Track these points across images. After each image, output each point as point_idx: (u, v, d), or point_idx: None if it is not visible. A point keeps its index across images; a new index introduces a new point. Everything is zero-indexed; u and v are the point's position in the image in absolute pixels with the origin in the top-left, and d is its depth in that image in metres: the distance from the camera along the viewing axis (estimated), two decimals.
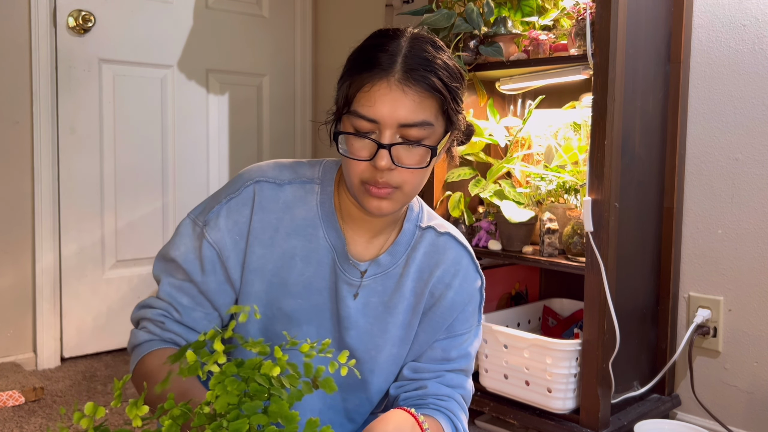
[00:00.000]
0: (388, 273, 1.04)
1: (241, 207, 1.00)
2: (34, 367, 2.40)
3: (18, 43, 2.32)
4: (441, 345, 1.08)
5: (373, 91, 0.90)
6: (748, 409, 1.82)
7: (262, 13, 2.93)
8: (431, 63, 0.92)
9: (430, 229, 1.07)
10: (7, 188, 2.33)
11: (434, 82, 0.91)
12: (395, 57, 0.91)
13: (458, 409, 1.07)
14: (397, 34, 0.95)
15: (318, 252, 1.02)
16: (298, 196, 1.02)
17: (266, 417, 0.63)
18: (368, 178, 0.93)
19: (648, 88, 1.77)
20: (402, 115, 0.90)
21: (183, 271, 1.00)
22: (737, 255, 1.82)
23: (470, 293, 1.08)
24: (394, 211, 0.96)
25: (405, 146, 0.92)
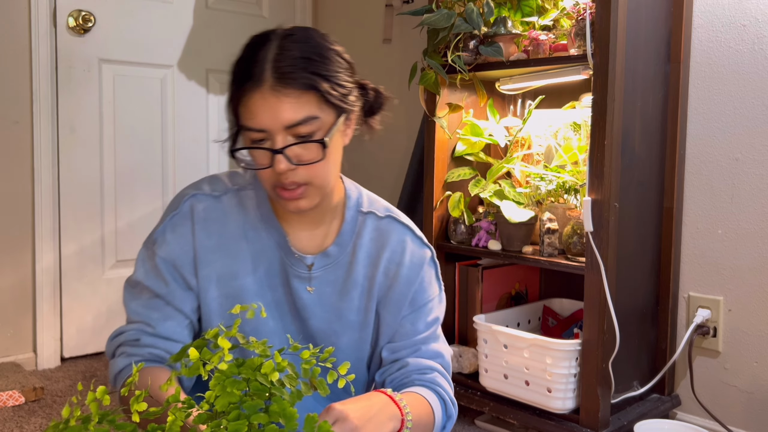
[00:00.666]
0: (338, 262, 1.08)
1: (183, 221, 1.05)
2: (34, 367, 2.40)
3: (18, 43, 2.32)
4: (408, 320, 1.10)
5: (251, 103, 0.93)
6: (747, 409, 1.82)
7: (262, 13, 2.93)
8: (300, 60, 0.94)
9: (372, 215, 1.11)
10: (7, 188, 2.33)
11: (306, 78, 0.93)
12: (264, 65, 0.93)
13: (441, 379, 1.09)
14: (265, 40, 0.97)
15: (264, 252, 1.06)
16: (235, 203, 1.06)
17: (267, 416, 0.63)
18: (276, 182, 0.96)
19: (648, 88, 1.77)
20: (284, 118, 0.92)
21: (147, 290, 1.04)
22: (737, 255, 1.82)
23: (421, 265, 1.11)
24: (314, 205, 1.00)
25: (299, 145, 0.94)
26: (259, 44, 0.97)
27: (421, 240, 1.13)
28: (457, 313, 2.06)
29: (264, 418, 0.63)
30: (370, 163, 2.87)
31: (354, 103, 1.01)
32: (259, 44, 0.97)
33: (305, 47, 0.96)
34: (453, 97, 2.00)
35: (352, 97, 1.00)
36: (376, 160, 2.84)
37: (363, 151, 3.27)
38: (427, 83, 1.93)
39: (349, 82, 1.00)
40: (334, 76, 0.97)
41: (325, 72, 0.96)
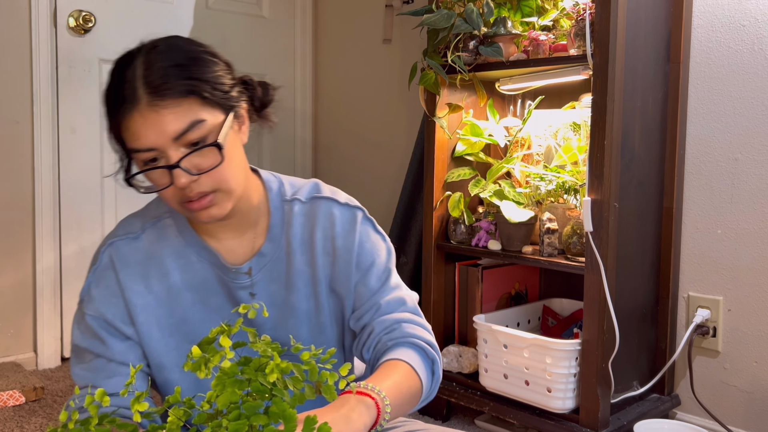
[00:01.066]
0: (276, 258, 1.06)
1: (105, 272, 1.02)
2: (34, 367, 2.40)
3: (18, 43, 2.32)
4: (361, 283, 1.07)
5: (131, 126, 0.90)
6: (747, 409, 1.82)
7: (262, 13, 2.93)
8: (170, 69, 0.90)
9: (296, 201, 1.08)
10: (8, 188, 2.33)
11: (181, 84, 0.90)
12: (134, 83, 0.90)
13: (411, 327, 1.06)
14: (130, 59, 0.93)
15: (199, 276, 1.04)
16: (155, 238, 1.04)
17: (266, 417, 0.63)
18: (182, 197, 0.93)
19: (647, 89, 1.77)
20: (169, 130, 0.89)
21: (87, 352, 1.02)
22: (737, 255, 1.82)
23: (353, 228, 1.08)
24: (227, 210, 0.96)
25: (194, 153, 0.91)
26: (124, 65, 0.93)
27: (347, 205, 1.09)
28: (457, 313, 2.06)
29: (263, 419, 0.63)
30: (371, 163, 2.87)
31: (238, 99, 0.97)
32: (124, 65, 0.93)
33: (172, 55, 0.92)
34: (453, 98, 2.00)
35: (235, 94, 0.96)
36: (376, 159, 2.85)
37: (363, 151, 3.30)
38: (427, 83, 1.93)
39: (229, 80, 0.96)
40: (210, 77, 0.93)
41: (200, 74, 0.92)
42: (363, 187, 2.86)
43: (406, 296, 1.10)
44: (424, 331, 1.07)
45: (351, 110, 2.99)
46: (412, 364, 1.00)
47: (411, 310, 1.09)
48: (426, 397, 1.03)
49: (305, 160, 3.08)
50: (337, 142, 3.05)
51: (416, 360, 1.01)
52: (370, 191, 2.83)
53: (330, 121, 3.08)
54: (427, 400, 1.04)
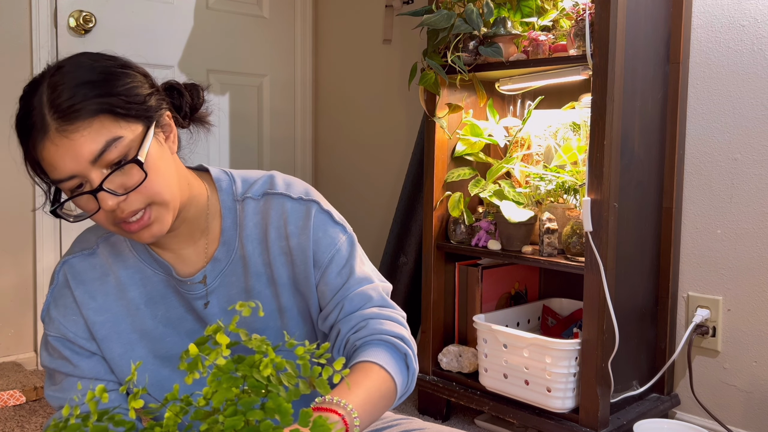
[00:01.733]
0: (232, 261, 1.02)
1: (62, 290, 1.01)
2: (35, 367, 2.41)
3: (19, 43, 2.32)
4: (323, 282, 1.02)
5: (45, 155, 0.85)
6: (747, 409, 1.82)
7: (262, 14, 2.94)
8: (75, 89, 0.85)
9: (248, 200, 1.03)
10: (8, 188, 2.34)
11: (89, 104, 0.84)
12: (41, 110, 0.85)
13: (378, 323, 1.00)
14: (36, 86, 0.88)
15: (156, 289, 1.01)
16: (109, 253, 1.01)
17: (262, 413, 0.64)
18: (115, 219, 0.89)
19: (647, 89, 1.77)
20: (84, 154, 0.84)
21: (57, 372, 1.02)
22: (736, 255, 1.83)
23: (307, 224, 1.02)
24: (169, 223, 0.93)
25: (117, 173, 0.86)
26: (30, 92, 0.88)
27: (300, 199, 1.03)
28: (457, 312, 2.06)
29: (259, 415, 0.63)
30: (371, 163, 2.87)
31: (159, 108, 0.92)
32: (30, 92, 0.88)
33: (77, 74, 0.87)
34: (453, 98, 2.00)
35: (154, 103, 0.91)
36: (376, 159, 2.85)
37: (363, 151, 3.30)
38: (427, 84, 1.94)
39: (146, 90, 0.91)
40: (122, 90, 0.88)
41: (109, 89, 0.87)
42: (363, 188, 2.87)
43: (372, 289, 1.03)
44: (394, 324, 1.01)
45: (351, 110, 2.99)
46: (383, 364, 0.95)
47: (378, 303, 1.03)
48: (403, 393, 0.99)
49: (305, 161, 3.08)
50: (338, 142, 3.05)
51: (387, 359, 0.96)
52: (370, 191, 2.83)
53: (330, 121, 3.09)
54: (405, 395, 1.00)
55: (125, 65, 0.93)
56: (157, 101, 0.92)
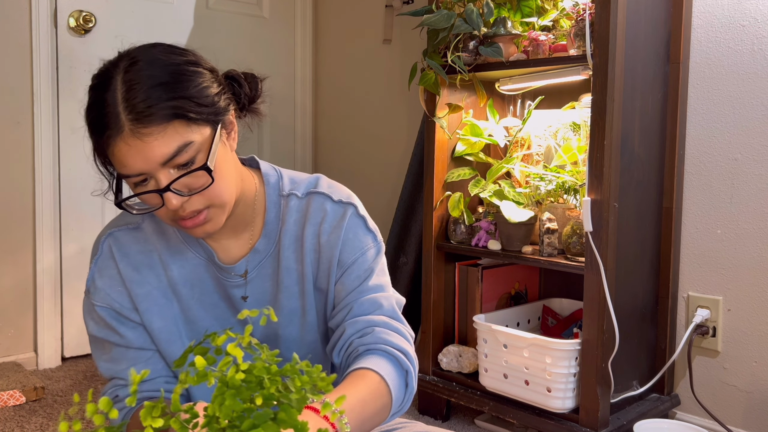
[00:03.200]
0: (269, 254, 1.04)
1: (106, 261, 1.03)
2: (35, 367, 2.41)
3: (19, 43, 2.32)
4: (340, 282, 1.04)
5: (116, 153, 0.87)
6: (747, 409, 1.82)
7: (262, 14, 2.94)
8: (152, 90, 0.86)
9: (293, 196, 1.05)
10: (9, 188, 2.34)
11: (165, 109, 0.86)
12: (116, 109, 0.85)
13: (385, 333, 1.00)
14: (108, 79, 0.88)
15: (195, 272, 1.04)
16: (153, 230, 1.03)
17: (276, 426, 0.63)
18: (174, 216, 0.92)
19: (647, 89, 1.77)
20: (156, 156, 0.86)
21: (105, 342, 1.03)
22: (736, 255, 1.83)
23: (341, 224, 1.04)
24: (221, 224, 0.95)
25: (182, 179, 0.88)
26: (103, 86, 0.88)
27: (340, 201, 1.05)
28: (457, 312, 2.06)
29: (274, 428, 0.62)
30: (371, 163, 2.87)
31: (226, 107, 0.94)
32: (103, 86, 0.88)
33: (152, 73, 0.87)
34: (453, 98, 2.00)
35: (222, 103, 0.93)
36: (376, 160, 2.85)
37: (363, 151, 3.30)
38: (427, 84, 1.94)
39: (215, 89, 0.93)
40: (195, 93, 0.89)
41: (184, 92, 0.88)
42: (363, 188, 2.87)
43: (384, 299, 1.04)
44: (400, 338, 1.01)
45: (351, 110, 2.99)
46: (384, 375, 0.94)
47: (388, 314, 1.03)
48: (397, 411, 0.98)
49: (306, 161, 3.08)
50: (338, 142, 3.05)
51: (389, 371, 0.95)
52: (370, 191, 2.83)
53: (330, 120, 3.08)
54: (399, 413, 0.99)
55: (195, 62, 0.94)
56: (224, 101, 0.94)
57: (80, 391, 2.21)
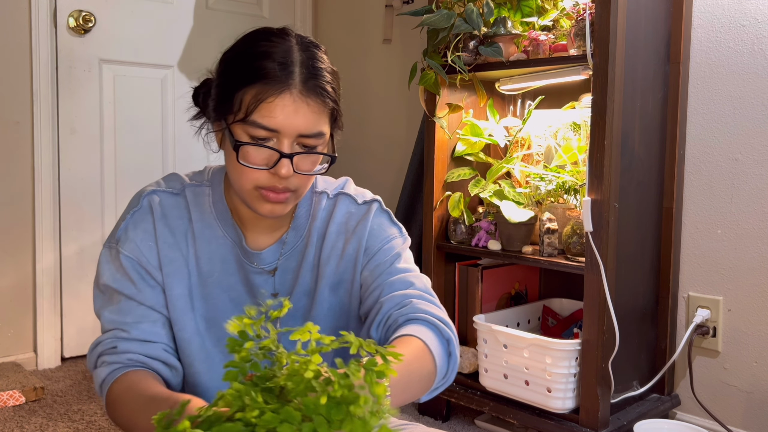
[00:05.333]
0: (296, 248, 1.07)
1: (144, 216, 1.03)
2: (34, 367, 2.41)
3: (18, 43, 2.32)
4: (367, 267, 1.07)
5: (277, 102, 0.91)
6: (747, 409, 1.82)
7: (262, 14, 2.93)
8: (323, 73, 0.95)
9: (324, 194, 1.10)
10: (8, 188, 2.34)
11: (329, 93, 0.95)
12: (292, 68, 0.92)
13: (422, 303, 1.02)
14: (282, 36, 0.95)
15: (219, 251, 1.05)
16: (192, 199, 1.05)
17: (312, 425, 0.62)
18: (265, 184, 0.95)
19: (647, 89, 1.77)
20: (302, 126, 0.93)
21: (116, 293, 1.02)
22: (737, 255, 1.82)
23: (366, 219, 1.09)
24: (286, 212, 1.00)
25: (304, 154, 0.95)
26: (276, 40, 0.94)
27: (365, 201, 1.11)
28: (457, 312, 2.06)
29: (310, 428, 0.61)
30: (370, 163, 2.87)
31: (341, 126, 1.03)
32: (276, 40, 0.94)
33: (324, 61, 0.96)
34: (453, 98, 2.00)
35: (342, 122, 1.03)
36: (376, 160, 2.85)
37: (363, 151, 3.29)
38: (427, 83, 1.93)
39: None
40: (338, 96, 0.99)
41: (337, 91, 0.98)
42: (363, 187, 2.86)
43: (414, 277, 1.07)
44: (437, 308, 1.03)
45: (351, 110, 2.97)
46: (426, 341, 0.95)
47: (421, 290, 1.05)
48: (443, 381, 0.98)
49: None
50: (338, 142, 3.04)
51: (430, 337, 0.96)
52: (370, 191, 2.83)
53: None
54: (446, 384, 1.00)
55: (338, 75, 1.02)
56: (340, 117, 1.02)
57: (80, 391, 2.21)
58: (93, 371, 1.02)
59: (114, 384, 0.97)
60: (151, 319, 1.02)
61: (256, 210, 0.98)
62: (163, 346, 1.02)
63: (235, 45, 0.99)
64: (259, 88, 0.91)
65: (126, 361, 0.98)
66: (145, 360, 0.99)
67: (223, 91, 0.96)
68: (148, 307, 1.02)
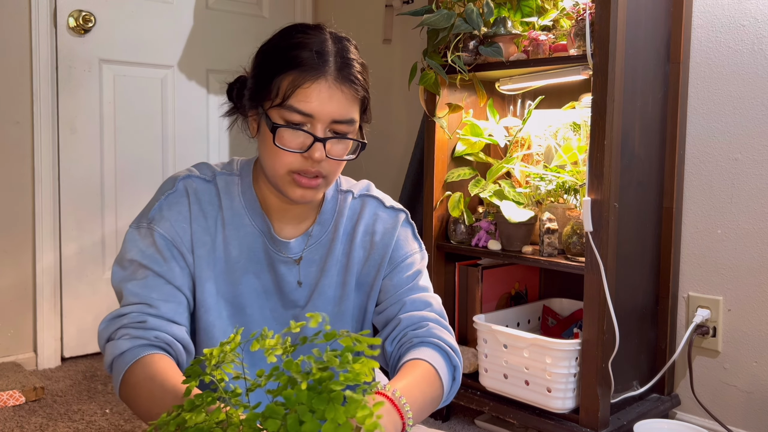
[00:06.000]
0: (321, 241, 1.11)
1: (180, 198, 1.06)
2: (34, 367, 2.41)
3: (18, 43, 2.32)
4: (389, 278, 1.13)
5: (313, 88, 0.96)
6: (747, 409, 1.82)
7: (262, 14, 2.93)
8: (355, 63, 1.00)
9: (349, 193, 1.15)
10: (8, 188, 2.34)
11: (361, 82, 1.00)
12: (327, 57, 0.98)
13: (438, 329, 1.09)
14: (316, 30, 1.01)
15: (247, 239, 1.07)
16: (223, 187, 1.08)
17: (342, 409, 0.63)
18: (298, 168, 0.99)
19: (647, 89, 1.77)
20: (336, 112, 0.97)
21: (144, 268, 1.01)
22: (736, 255, 1.82)
23: (395, 227, 1.14)
24: (317, 199, 1.05)
25: (335, 139, 0.99)
26: (311, 32, 1.00)
27: (392, 208, 1.17)
28: (457, 312, 2.06)
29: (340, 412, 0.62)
30: (371, 162, 2.87)
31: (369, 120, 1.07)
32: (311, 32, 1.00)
33: (356, 54, 1.01)
34: (453, 98, 2.00)
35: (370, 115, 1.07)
36: (376, 160, 2.85)
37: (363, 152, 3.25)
38: (427, 83, 1.93)
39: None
40: (369, 85, 1.03)
41: (368, 82, 1.02)
42: None
43: (432, 298, 1.13)
44: (449, 334, 1.10)
45: None
46: (438, 368, 1.03)
47: (437, 312, 1.12)
48: (444, 402, 1.06)
49: None
50: None
51: (441, 364, 1.04)
52: None
53: None
54: (445, 403, 1.07)
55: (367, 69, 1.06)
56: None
57: (80, 391, 2.21)
58: (107, 343, 0.99)
59: (136, 365, 0.94)
60: (177, 300, 1.02)
61: (287, 194, 1.01)
62: (187, 329, 1.02)
63: (272, 38, 1.03)
64: (296, 74, 0.96)
65: (153, 339, 0.97)
66: (171, 341, 0.98)
67: (260, 80, 1.01)
68: (176, 287, 1.02)
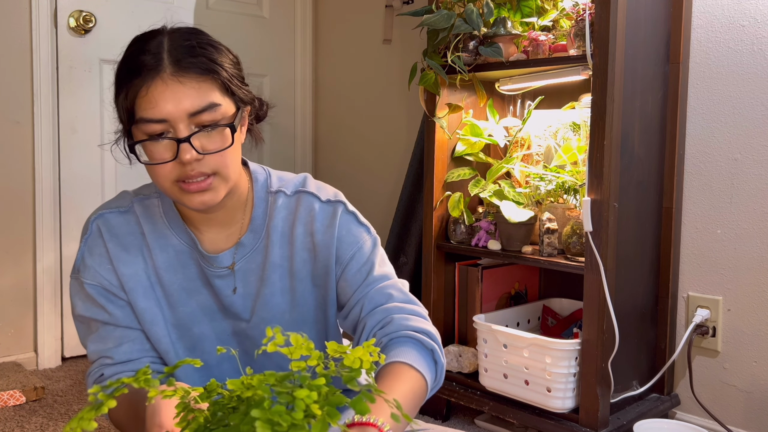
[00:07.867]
0: (255, 249, 1.06)
1: (96, 240, 1.05)
2: (35, 367, 2.41)
3: (19, 43, 2.32)
4: (343, 278, 1.07)
5: (151, 92, 0.90)
6: (747, 409, 1.82)
7: (262, 14, 2.94)
8: (195, 48, 0.93)
9: (281, 193, 1.08)
10: (9, 188, 2.34)
11: (205, 63, 0.92)
12: (160, 54, 0.92)
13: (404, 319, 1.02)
14: (154, 34, 0.96)
15: (178, 258, 1.05)
16: (142, 212, 1.05)
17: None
18: (179, 176, 0.93)
19: (647, 89, 1.77)
20: (187, 105, 0.91)
21: (92, 321, 1.04)
22: (736, 255, 1.83)
23: (333, 223, 1.07)
24: (220, 198, 0.97)
25: (203, 133, 0.92)
26: (147, 38, 0.95)
27: (328, 201, 1.09)
28: (457, 312, 2.06)
29: None
30: (371, 163, 2.87)
31: (248, 100, 1.00)
32: (147, 38, 0.95)
33: (196, 38, 0.95)
34: (453, 98, 2.00)
35: (246, 92, 1.00)
36: (376, 160, 2.85)
37: (363, 151, 3.30)
38: (427, 84, 1.94)
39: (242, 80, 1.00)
40: (228, 66, 0.96)
41: (220, 60, 0.95)
42: (363, 188, 2.87)
43: (391, 286, 1.06)
44: (419, 319, 1.03)
45: (351, 111, 2.99)
46: (414, 364, 0.96)
47: (400, 300, 1.05)
48: (433, 388, 1.01)
49: (305, 161, 3.08)
50: (338, 142, 3.05)
51: (416, 357, 0.97)
52: (370, 191, 2.83)
53: (330, 121, 3.08)
54: (435, 389, 1.02)
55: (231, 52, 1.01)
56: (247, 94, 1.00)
57: (80, 391, 2.21)
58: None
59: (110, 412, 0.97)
60: (130, 339, 1.04)
61: (188, 206, 0.97)
62: (149, 360, 1.04)
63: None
64: (133, 85, 0.91)
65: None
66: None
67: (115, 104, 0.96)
68: (124, 327, 1.04)
